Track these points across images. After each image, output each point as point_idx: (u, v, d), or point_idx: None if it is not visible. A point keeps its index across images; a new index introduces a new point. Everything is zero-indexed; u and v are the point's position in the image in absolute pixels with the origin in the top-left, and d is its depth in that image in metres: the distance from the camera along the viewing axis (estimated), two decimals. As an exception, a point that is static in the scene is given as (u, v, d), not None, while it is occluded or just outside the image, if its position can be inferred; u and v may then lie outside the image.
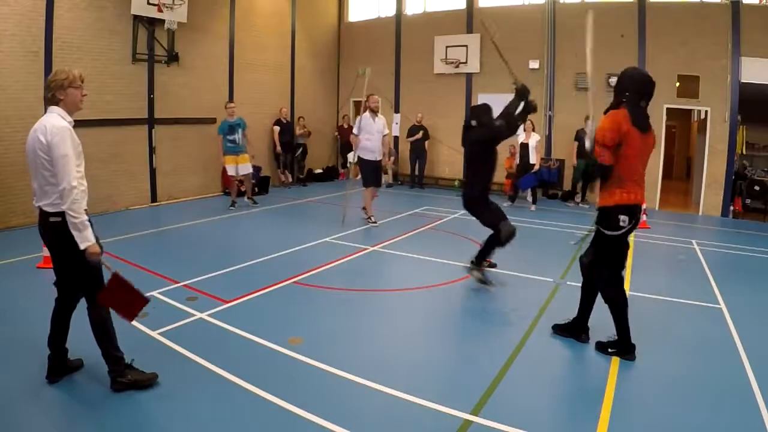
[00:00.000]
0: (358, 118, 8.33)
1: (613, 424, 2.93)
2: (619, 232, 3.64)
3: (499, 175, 11.46)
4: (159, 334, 3.98)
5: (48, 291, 5.03)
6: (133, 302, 3.24)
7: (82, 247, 2.99)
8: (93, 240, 3.03)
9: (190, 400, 3.11)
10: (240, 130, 9.06)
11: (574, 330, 4.12)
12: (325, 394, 3.22)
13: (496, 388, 3.32)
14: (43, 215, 3.09)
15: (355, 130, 8.32)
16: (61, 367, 3.31)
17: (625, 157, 3.56)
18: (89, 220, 3.07)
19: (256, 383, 3.27)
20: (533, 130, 10.24)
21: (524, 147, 10.19)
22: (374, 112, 8.22)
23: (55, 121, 3.02)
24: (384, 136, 8.27)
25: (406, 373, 3.51)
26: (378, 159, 8.25)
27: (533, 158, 10.14)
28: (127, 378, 3.17)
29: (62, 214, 2.99)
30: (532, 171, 10.12)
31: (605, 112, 3.70)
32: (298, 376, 3.43)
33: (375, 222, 8.22)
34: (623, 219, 3.60)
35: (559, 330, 4.21)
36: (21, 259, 5.86)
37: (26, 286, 5.07)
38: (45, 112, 3.12)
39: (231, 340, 3.92)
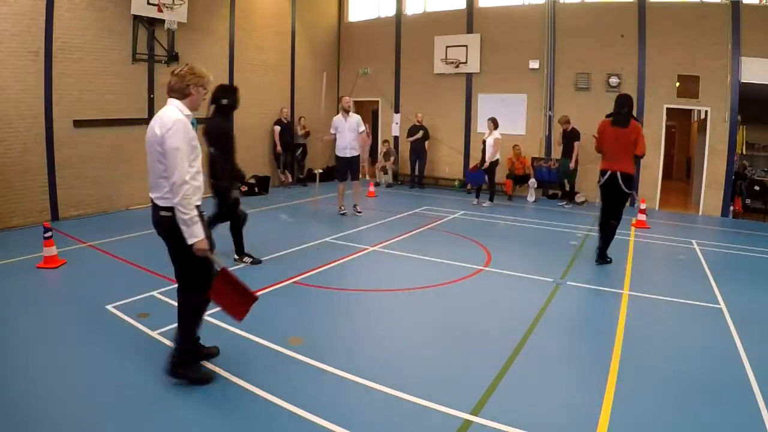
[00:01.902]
0: (333, 119, 8.95)
1: (613, 424, 2.93)
2: (599, 183, 6.12)
3: (500, 175, 11.56)
4: (159, 334, 3.98)
5: (48, 291, 5.06)
6: (242, 300, 3.28)
7: (189, 242, 3.00)
8: (202, 236, 3.03)
9: (189, 401, 3.11)
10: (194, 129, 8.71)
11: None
12: (325, 394, 3.21)
13: (496, 388, 3.32)
14: (155, 208, 3.10)
15: (331, 130, 8.82)
16: (195, 355, 3.40)
17: (603, 145, 6.04)
18: (201, 213, 3.08)
19: (256, 383, 3.27)
20: (495, 128, 10.21)
21: (484, 144, 10.29)
22: (346, 111, 8.69)
23: (171, 113, 3.02)
24: (360, 133, 8.74)
25: (406, 373, 3.50)
26: (348, 156, 8.69)
27: (488, 156, 10.19)
28: (186, 372, 3.25)
29: (172, 209, 2.98)
30: (482, 168, 10.32)
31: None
32: (298, 376, 3.43)
33: (345, 213, 8.86)
34: (600, 177, 6.07)
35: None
36: (21, 259, 5.86)
37: (26, 286, 5.07)
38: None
39: (231, 340, 3.92)
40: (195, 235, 2.99)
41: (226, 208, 5.64)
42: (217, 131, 5.51)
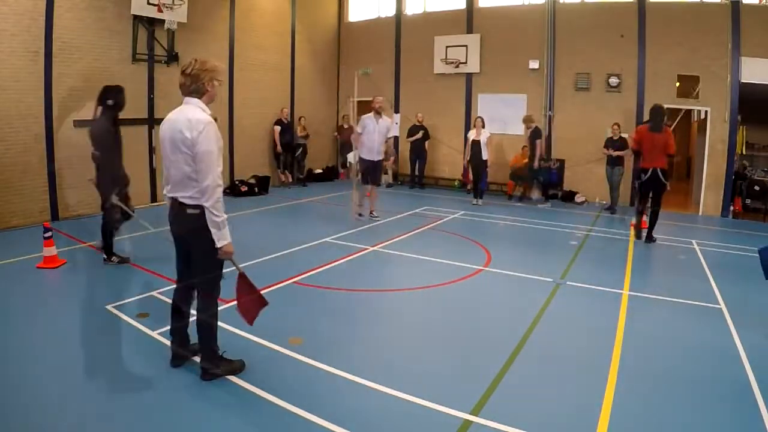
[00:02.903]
0: (362, 117, 8.56)
1: (613, 424, 2.93)
2: (639, 181, 7.39)
3: (503, 175, 11.57)
4: (158, 334, 3.97)
5: (48, 291, 5.06)
6: (255, 305, 3.34)
7: (219, 245, 3.00)
8: (230, 238, 3.04)
9: (189, 401, 3.11)
10: None
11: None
12: (325, 394, 3.22)
13: (496, 388, 3.32)
14: (179, 206, 3.08)
15: (358, 129, 8.50)
16: (183, 354, 3.44)
17: (644, 147, 7.27)
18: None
19: (256, 383, 3.27)
20: (483, 126, 10.26)
21: (476, 144, 10.26)
22: (378, 113, 8.36)
23: (199, 115, 2.98)
24: (387, 139, 8.42)
25: (406, 373, 3.51)
26: (374, 159, 8.42)
27: (485, 154, 10.22)
28: (218, 370, 3.28)
29: (200, 207, 2.99)
30: (485, 168, 10.45)
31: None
32: (297, 376, 3.43)
33: (362, 216, 8.53)
34: (642, 175, 7.31)
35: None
36: (21, 259, 5.86)
37: (26, 286, 5.07)
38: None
39: (230, 340, 3.90)
40: (225, 237, 3.02)
41: (104, 210, 5.65)
42: (100, 133, 5.52)
